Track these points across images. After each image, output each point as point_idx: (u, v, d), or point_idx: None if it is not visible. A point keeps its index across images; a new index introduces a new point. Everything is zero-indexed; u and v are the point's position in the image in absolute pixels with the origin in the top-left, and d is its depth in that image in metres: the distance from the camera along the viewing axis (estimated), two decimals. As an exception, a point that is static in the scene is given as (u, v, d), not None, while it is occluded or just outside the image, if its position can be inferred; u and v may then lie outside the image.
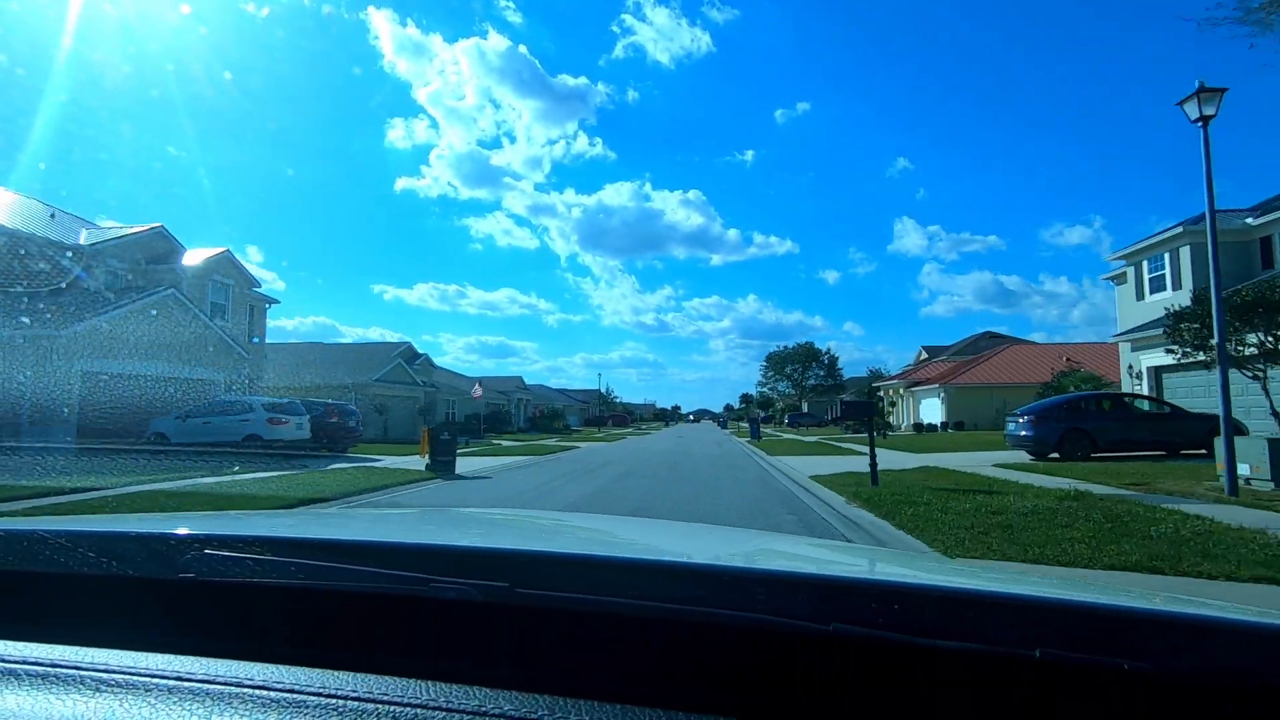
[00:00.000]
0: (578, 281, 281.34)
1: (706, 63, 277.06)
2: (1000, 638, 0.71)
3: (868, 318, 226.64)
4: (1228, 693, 0.66)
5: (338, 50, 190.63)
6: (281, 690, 0.74)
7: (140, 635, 0.88)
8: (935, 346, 63.92)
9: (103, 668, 0.80)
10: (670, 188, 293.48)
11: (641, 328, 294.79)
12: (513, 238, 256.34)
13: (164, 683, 0.77)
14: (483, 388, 52.95)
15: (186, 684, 0.76)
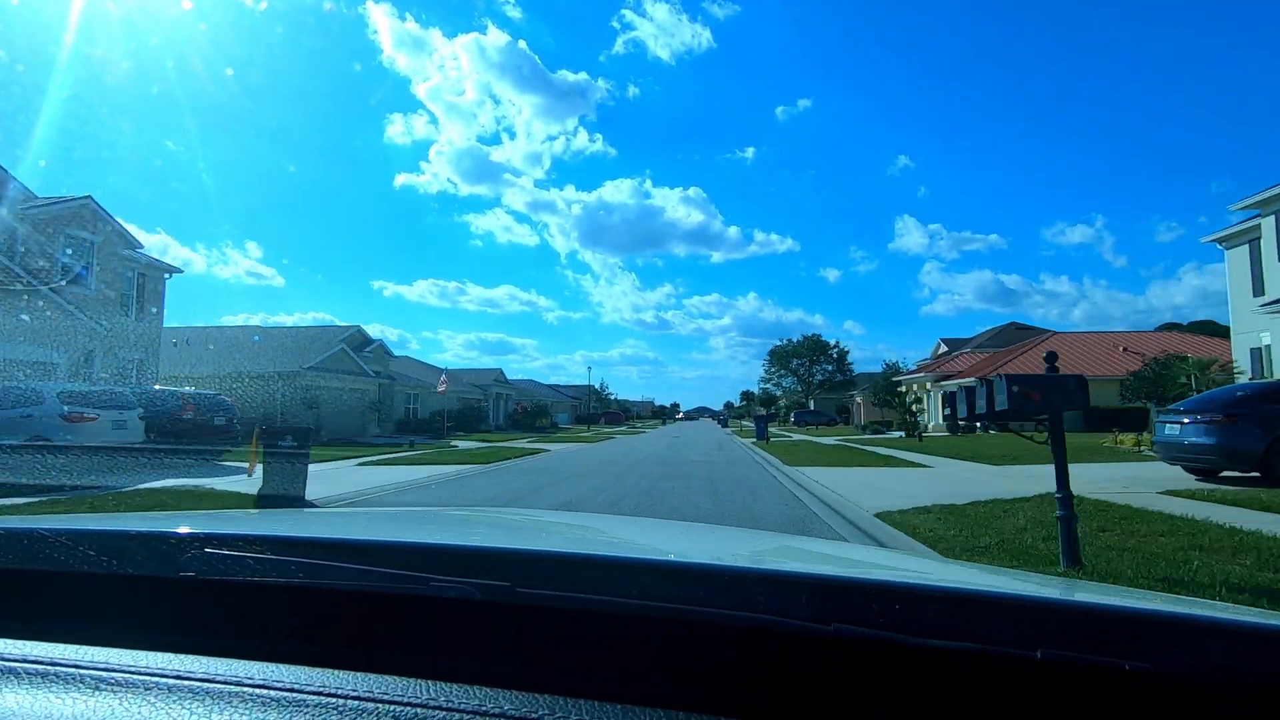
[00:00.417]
0: (578, 279, 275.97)
1: (707, 59, 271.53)
2: (1001, 638, 0.71)
3: (868, 316, 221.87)
4: (1228, 693, 0.67)
5: (336, 45, 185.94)
6: (282, 689, 0.75)
7: (140, 634, 0.88)
8: (956, 339, 58.62)
9: (102, 666, 0.80)
10: (671, 185, 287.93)
11: (641, 325, 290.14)
12: (513, 234, 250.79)
13: (164, 681, 0.77)
14: (452, 380, 47.34)
15: (186, 683, 0.77)
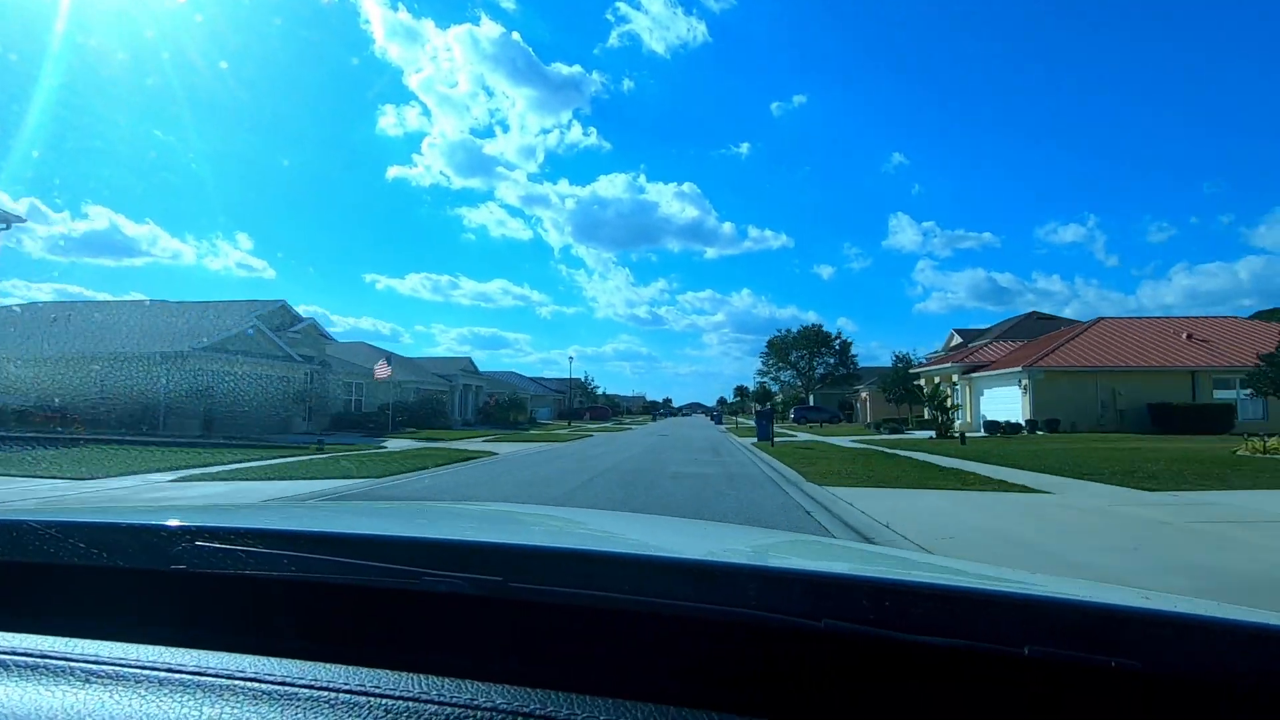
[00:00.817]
0: (571, 273, 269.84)
1: (702, 53, 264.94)
2: (989, 634, 0.72)
3: (861, 313, 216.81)
4: (1215, 690, 0.67)
5: (328, 34, 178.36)
6: (273, 682, 0.74)
7: (131, 627, 0.87)
8: (969, 329, 53.45)
9: (93, 659, 0.79)
10: (665, 180, 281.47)
11: (635, 321, 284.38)
12: (506, 228, 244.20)
13: (155, 674, 0.76)
14: (411, 370, 41.84)
15: (177, 676, 0.76)
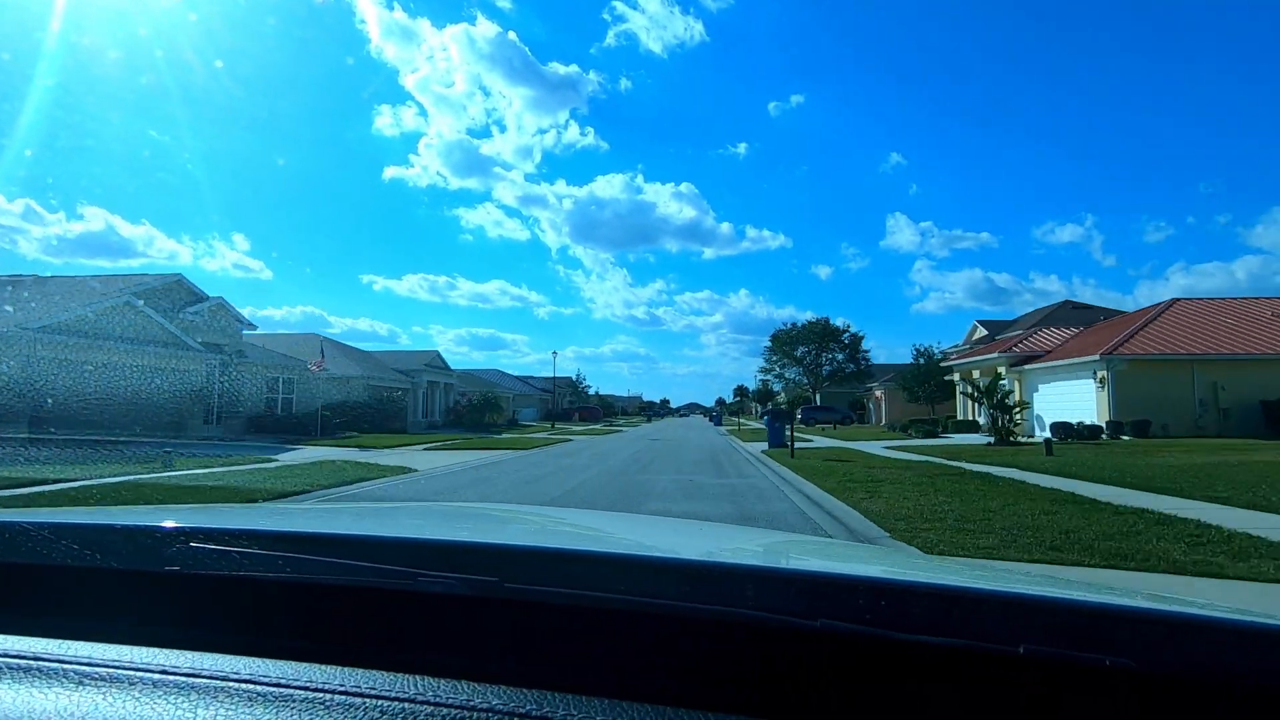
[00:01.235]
0: (569, 274, 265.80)
1: (700, 53, 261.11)
2: (985, 634, 0.72)
3: (860, 313, 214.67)
4: (1209, 690, 0.67)
5: (323, 33, 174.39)
6: (268, 684, 0.74)
7: (125, 629, 0.87)
8: (997, 321, 47.92)
9: (86, 661, 0.79)
10: (662, 180, 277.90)
11: (633, 321, 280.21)
12: (503, 229, 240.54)
13: (149, 676, 0.76)
14: (349, 362, 36.10)
15: (172, 678, 0.75)
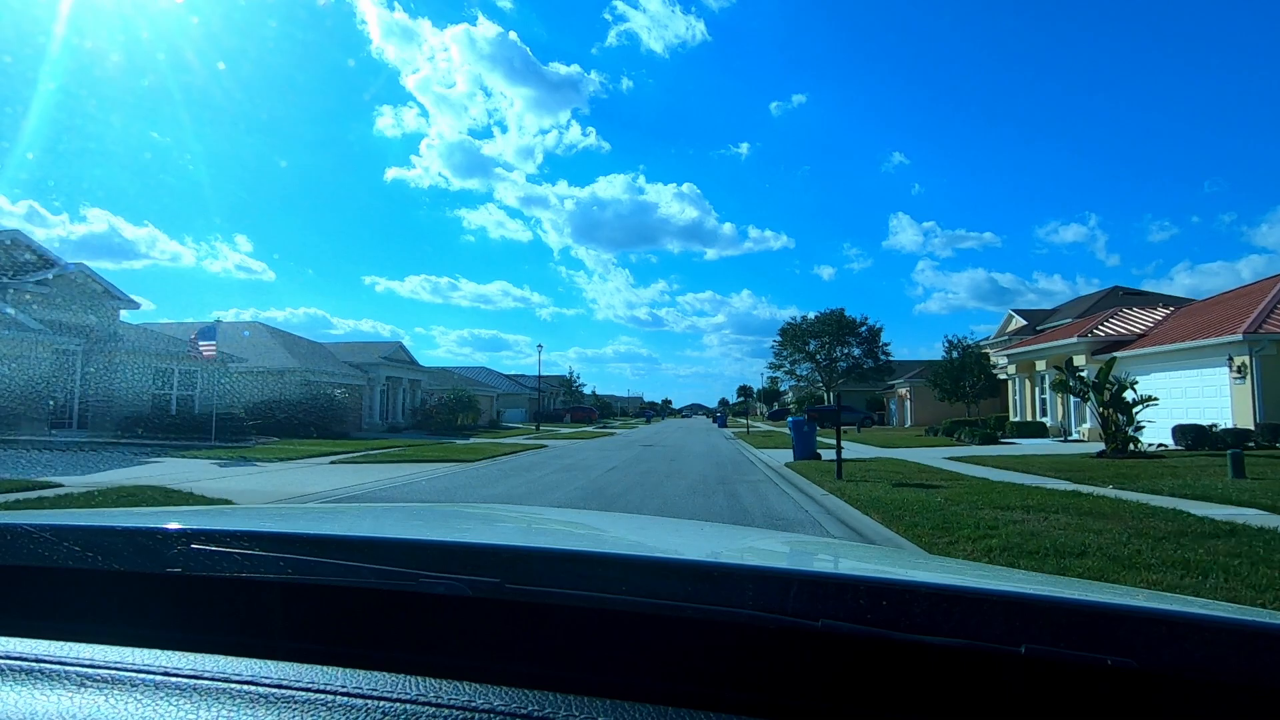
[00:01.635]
0: (571, 275, 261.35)
1: (701, 52, 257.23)
2: (986, 634, 0.72)
3: (862, 314, 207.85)
4: (1210, 689, 0.67)
5: (324, 34, 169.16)
6: (269, 685, 0.74)
7: (127, 630, 0.87)
8: (1036, 310, 43.35)
9: (88, 663, 0.78)
10: (664, 180, 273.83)
11: (635, 322, 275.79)
12: (505, 229, 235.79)
13: (150, 678, 0.76)
14: (285, 353, 31.03)
15: (174, 679, 0.75)
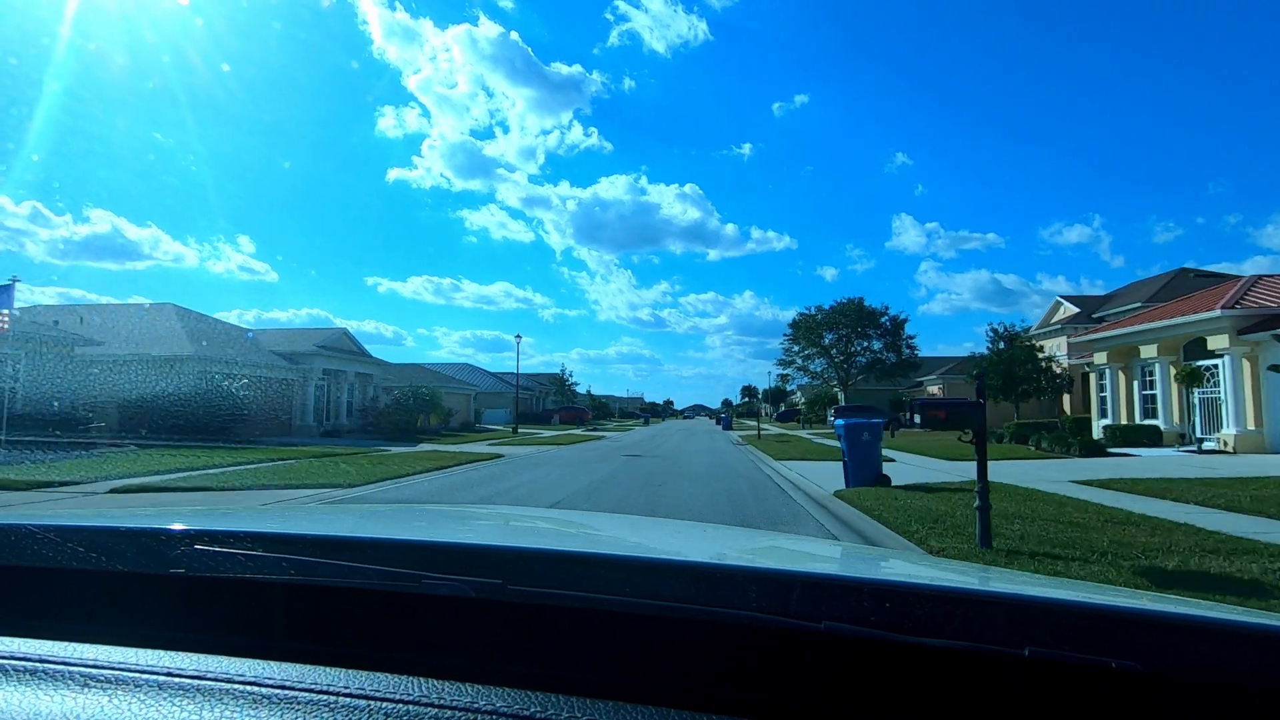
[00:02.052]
0: (574, 276, 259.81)
1: (703, 52, 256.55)
2: (990, 636, 0.71)
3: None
4: (1214, 691, 0.67)
5: (326, 35, 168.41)
6: (273, 686, 0.73)
7: (130, 631, 0.86)
8: (1088, 297, 38.78)
9: (91, 663, 0.78)
10: (667, 181, 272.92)
11: (638, 323, 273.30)
12: (507, 230, 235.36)
13: (154, 679, 0.75)
14: (188, 337, 26.45)
15: (177, 680, 0.75)
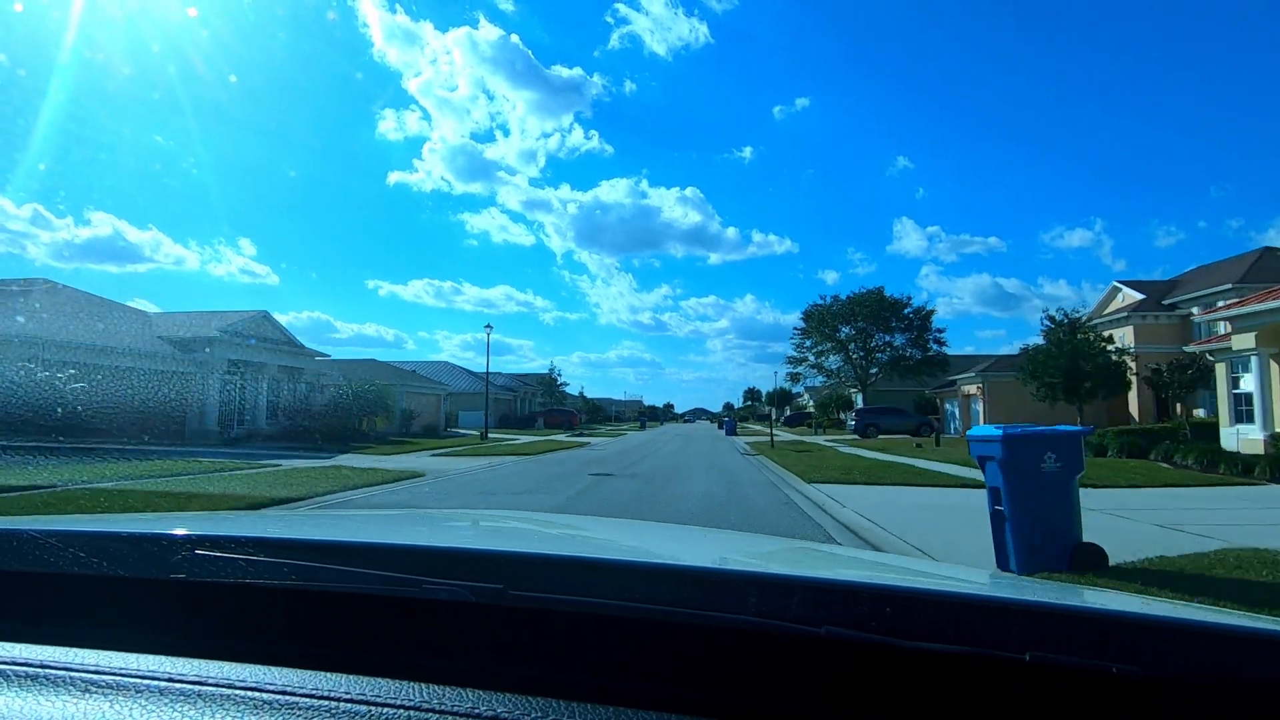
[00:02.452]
0: (574, 279, 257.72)
1: (704, 55, 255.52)
2: (991, 641, 0.71)
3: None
4: (1215, 696, 0.67)
5: (326, 37, 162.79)
6: (274, 691, 0.73)
7: (131, 636, 0.86)
8: (1149, 282, 36.34)
9: (93, 669, 0.78)
10: (668, 184, 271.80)
11: (639, 327, 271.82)
12: (508, 234, 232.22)
13: (155, 684, 0.75)
14: (64, 319, 23.75)
15: (178, 685, 0.75)
